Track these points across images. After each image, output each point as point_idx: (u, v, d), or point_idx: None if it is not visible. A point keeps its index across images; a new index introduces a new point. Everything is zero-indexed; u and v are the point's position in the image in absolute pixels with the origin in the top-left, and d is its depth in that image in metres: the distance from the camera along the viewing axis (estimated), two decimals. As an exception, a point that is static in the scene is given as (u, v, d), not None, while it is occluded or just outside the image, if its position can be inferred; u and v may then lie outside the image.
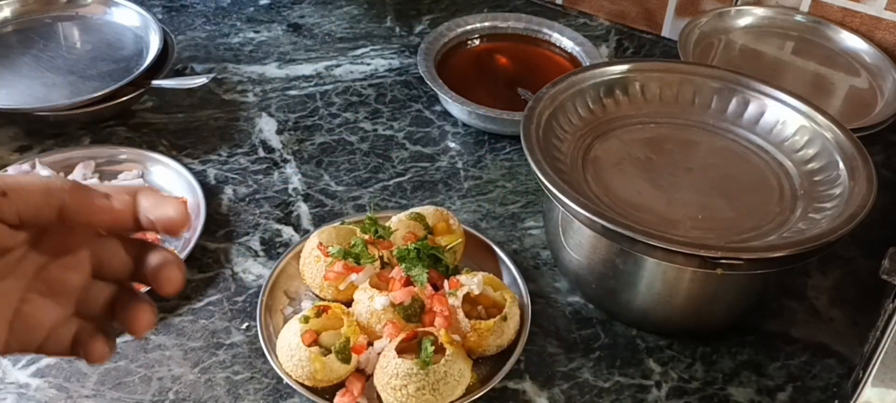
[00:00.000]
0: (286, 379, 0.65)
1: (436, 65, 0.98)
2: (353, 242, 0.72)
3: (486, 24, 1.07)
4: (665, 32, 1.14)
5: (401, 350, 0.64)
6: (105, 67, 0.96)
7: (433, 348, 0.63)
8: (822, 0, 1.06)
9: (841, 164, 0.71)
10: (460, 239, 0.74)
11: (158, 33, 0.98)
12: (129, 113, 0.94)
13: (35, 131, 0.91)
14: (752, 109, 0.78)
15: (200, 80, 0.94)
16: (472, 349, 0.67)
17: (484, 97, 0.94)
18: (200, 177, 0.85)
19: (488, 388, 0.65)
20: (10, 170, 0.83)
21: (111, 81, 0.91)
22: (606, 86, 0.79)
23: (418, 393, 0.62)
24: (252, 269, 0.77)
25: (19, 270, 0.39)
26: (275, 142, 0.92)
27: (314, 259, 0.71)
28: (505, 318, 0.68)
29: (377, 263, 0.71)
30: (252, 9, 1.16)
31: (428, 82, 0.94)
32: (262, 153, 0.91)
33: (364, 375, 0.67)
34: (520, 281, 0.73)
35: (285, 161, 0.90)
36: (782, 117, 0.76)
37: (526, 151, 0.69)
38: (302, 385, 0.65)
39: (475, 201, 0.86)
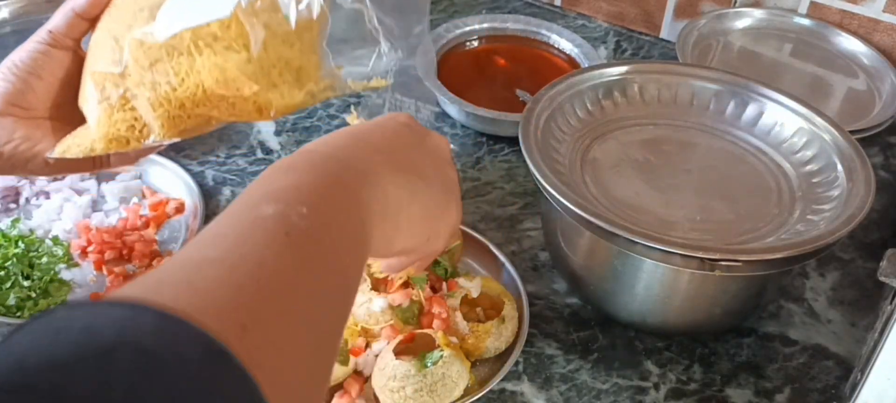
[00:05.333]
0: (284, 381, 0.65)
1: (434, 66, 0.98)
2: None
3: (485, 25, 1.07)
4: (663, 34, 1.14)
5: (399, 352, 0.64)
6: (103, 68, 0.96)
7: (440, 360, 0.63)
8: (820, 2, 1.06)
9: (839, 166, 0.71)
10: (458, 241, 0.74)
11: (157, 34, 0.98)
12: (127, 114, 0.94)
13: (33, 132, 0.91)
14: (750, 111, 0.78)
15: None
16: (470, 351, 0.67)
17: (482, 98, 0.94)
18: (198, 178, 0.85)
19: (487, 390, 0.65)
20: (8, 171, 0.83)
21: (109, 82, 0.91)
22: (605, 87, 0.79)
23: (416, 395, 0.62)
24: (250, 271, 0.77)
25: None
26: (273, 143, 0.92)
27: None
28: (503, 320, 0.68)
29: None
30: (250, 10, 1.16)
31: (426, 84, 0.94)
32: (260, 154, 0.91)
33: (362, 377, 0.67)
34: (518, 282, 0.73)
35: (283, 162, 0.90)
36: (780, 119, 0.77)
37: (524, 153, 0.69)
38: (300, 386, 0.64)
39: (473, 202, 0.86)
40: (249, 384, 0.27)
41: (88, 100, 0.59)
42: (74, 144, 0.60)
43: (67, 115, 0.61)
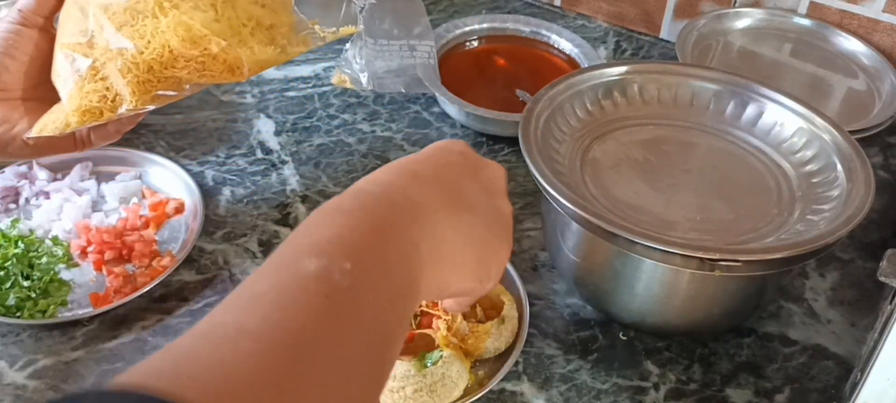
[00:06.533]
0: (284, 381, 0.65)
1: (434, 66, 0.98)
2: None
3: (485, 25, 1.07)
4: (663, 34, 1.14)
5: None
6: (103, 68, 0.96)
7: (440, 360, 0.63)
8: (819, 2, 1.06)
9: (839, 166, 0.71)
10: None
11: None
12: (126, 114, 0.94)
13: (33, 132, 0.91)
14: (750, 111, 0.78)
15: (198, 81, 0.93)
16: (470, 351, 0.67)
17: (482, 98, 0.94)
18: (198, 179, 0.85)
19: (486, 390, 0.65)
20: (8, 171, 0.83)
21: (109, 82, 0.91)
22: (605, 87, 0.79)
23: (416, 395, 0.62)
24: (250, 271, 0.77)
25: None
26: (273, 143, 0.92)
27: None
28: (503, 320, 0.68)
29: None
30: (250, 10, 1.16)
31: (426, 83, 0.94)
32: (260, 154, 0.91)
33: (362, 377, 0.67)
34: (518, 282, 0.73)
35: (283, 162, 0.90)
36: (780, 119, 0.77)
37: (524, 153, 0.69)
38: (300, 386, 0.64)
39: (473, 203, 0.85)
40: None
41: (60, 74, 0.59)
42: (50, 122, 0.60)
43: (44, 94, 0.60)
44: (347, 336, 0.34)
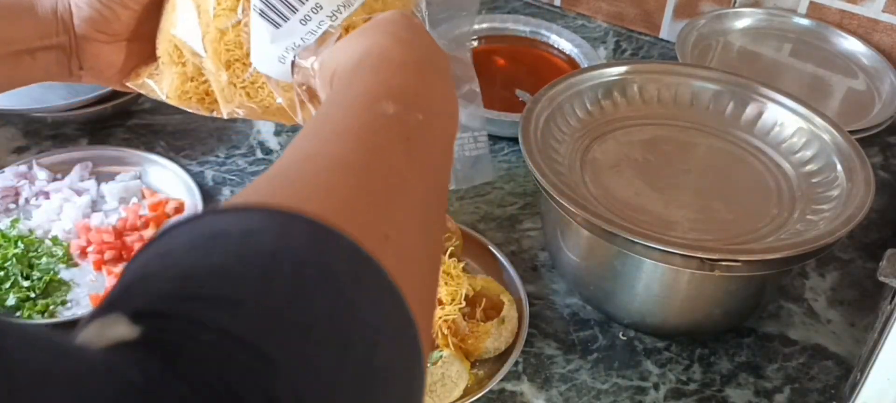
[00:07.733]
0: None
1: (434, 66, 0.98)
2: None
3: (485, 25, 1.07)
4: (663, 34, 1.14)
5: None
6: (103, 68, 0.96)
7: (440, 360, 0.63)
8: (819, 2, 1.06)
9: (839, 166, 0.71)
10: (458, 241, 0.74)
11: (156, 34, 0.97)
12: (127, 113, 0.94)
13: (33, 132, 0.91)
14: (750, 111, 0.78)
15: (198, 81, 0.93)
16: (469, 351, 0.67)
17: (482, 98, 0.93)
18: (198, 179, 0.85)
19: (486, 390, 0.65)
20: (8, 170, 0.83)
21: (109, 82, 0.91)
22: (604, 87, 0.79)
23: (416, 395, 0.62)
24: (250, 271, 0.77)
25: None
26: (273, 143, 0.92)
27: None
28: (503, 320, 0.68)
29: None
30: (250, 10, 1.15)
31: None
32: (260, 154, 0.91)
33: (362, 377, 0.67)
34: (518, 282, 0.73)
35: (283, 162, 0.90)
36: (780, 119, 0.77)
37: (524, 153, 0.69)
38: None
39: (473, 202, 0.86)
40: (396, 295, 0.27)
41: (163, 54, 0.57)
42: (148, 88, 0.58)
43: (149, 31, 0.58)
44: (423, 180, 0.35)
